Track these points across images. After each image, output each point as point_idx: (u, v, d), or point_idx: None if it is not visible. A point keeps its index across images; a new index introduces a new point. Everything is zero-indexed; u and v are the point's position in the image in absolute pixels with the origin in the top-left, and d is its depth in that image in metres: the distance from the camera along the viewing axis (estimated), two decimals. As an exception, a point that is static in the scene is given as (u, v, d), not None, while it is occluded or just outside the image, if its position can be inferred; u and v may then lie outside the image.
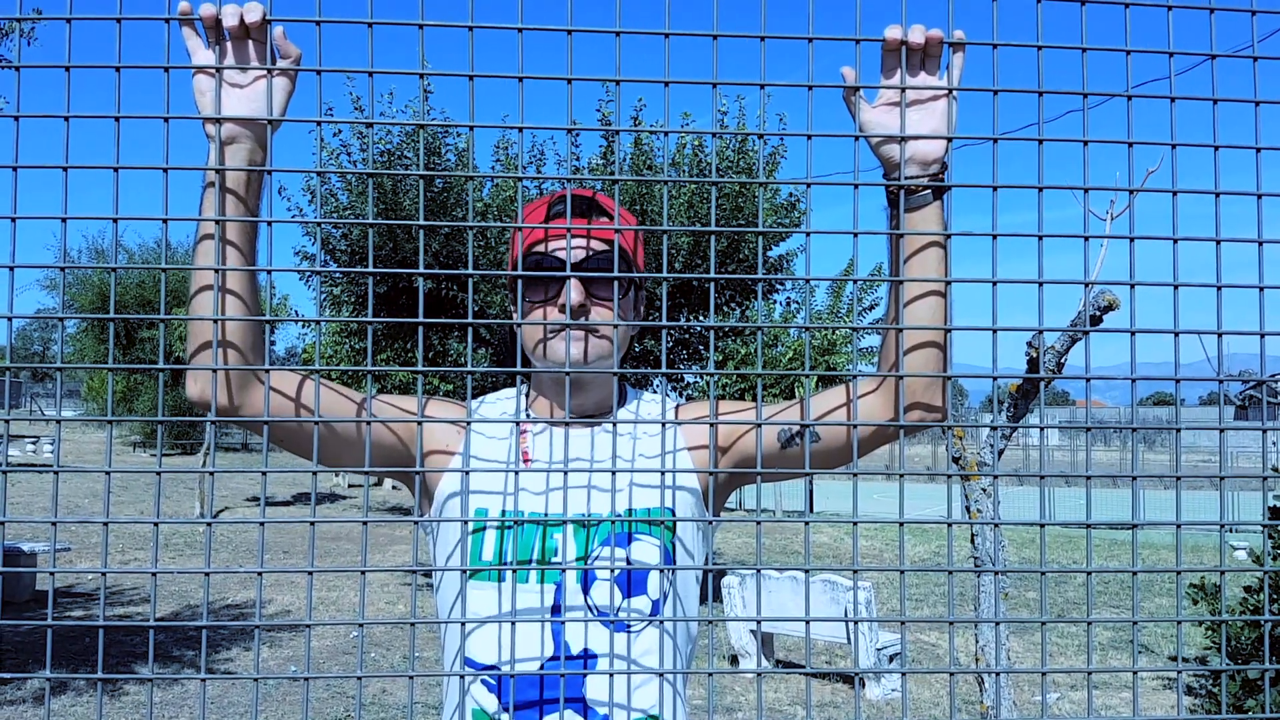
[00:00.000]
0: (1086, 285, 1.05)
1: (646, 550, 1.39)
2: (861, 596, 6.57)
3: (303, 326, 20.43)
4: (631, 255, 1.48)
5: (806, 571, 0.97)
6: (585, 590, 1.38)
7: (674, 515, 1.43)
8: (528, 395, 1.58)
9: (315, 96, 0.99)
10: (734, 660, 7.66)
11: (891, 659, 7.10)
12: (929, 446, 32.93)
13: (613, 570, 1.37)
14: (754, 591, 7.53)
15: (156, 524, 0.92)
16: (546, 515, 1.41)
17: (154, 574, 0.92)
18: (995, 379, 1.04)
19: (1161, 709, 6.77)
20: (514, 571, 1.19)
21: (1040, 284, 1.01)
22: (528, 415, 1.54)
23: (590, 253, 1.43)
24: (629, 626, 1.38)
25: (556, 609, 1.37)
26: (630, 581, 1.38)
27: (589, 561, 1.38)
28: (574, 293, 1.37)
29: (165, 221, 0.94)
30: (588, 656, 1.36)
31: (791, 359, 18.04)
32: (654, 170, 9.81)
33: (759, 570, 1.01)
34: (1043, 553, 1.01)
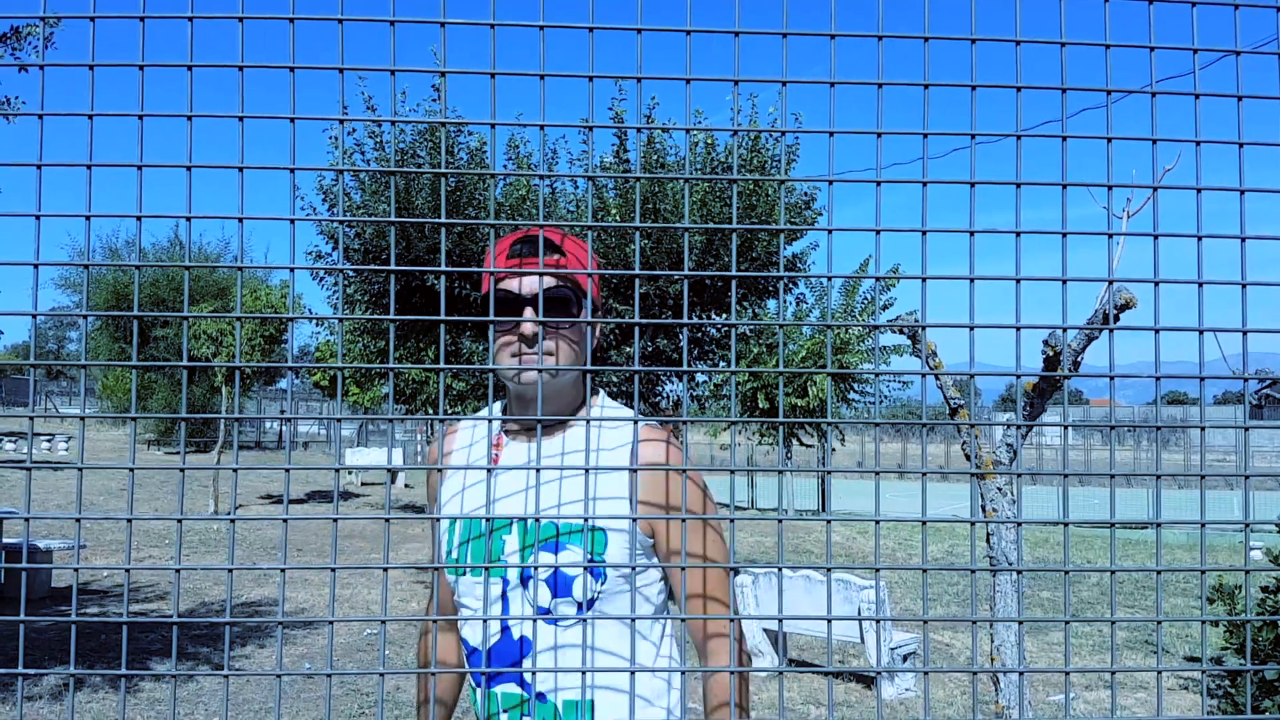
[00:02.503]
0: (1109, 283, 1.04)
1: (572, 559, 1.60)
2: (875, 595, 6.55)
3: (317, 325, 20.49)
4: (583, 286, 1.66)
5: (828, 570, 0.96)
6: (524, 586, 1.62)
7: (597, 528, 1.64)
8: (504, 408, 1.83)
9: (337, 95, 0.99)
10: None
11: (905, 658, 7.08)
12: (942, 446, 32.85)
13: (536, 569, 1.61)
14: (766, 591, 7.53)
15: (180, 520, 0.92)
16: (488, 517, 1.59)
17: (177, 570, 0.92)
18: (1018, 377, 1.04)
19: (1178, 709, 6.74)
20: (469, 567, 1.57)
21: (1064, 282, 1.00)
22: (502, 425, 1.79)
23: (545, 288, 1.62)
24: (557, 621, 1.61)
25: (505, 599, 1.63)
26: (557, 584, 1.61)
27: (526, 562, 1.63)
28: (528, 325, 1.58)
29: (189, 219, 0.94)
30: (525, 642, 1.62)
31: (804, 357, 18.02)
32: (665, 169, 9.80)
33: (780, 569, 1.01)
34: (1066, 552, 1.01)
